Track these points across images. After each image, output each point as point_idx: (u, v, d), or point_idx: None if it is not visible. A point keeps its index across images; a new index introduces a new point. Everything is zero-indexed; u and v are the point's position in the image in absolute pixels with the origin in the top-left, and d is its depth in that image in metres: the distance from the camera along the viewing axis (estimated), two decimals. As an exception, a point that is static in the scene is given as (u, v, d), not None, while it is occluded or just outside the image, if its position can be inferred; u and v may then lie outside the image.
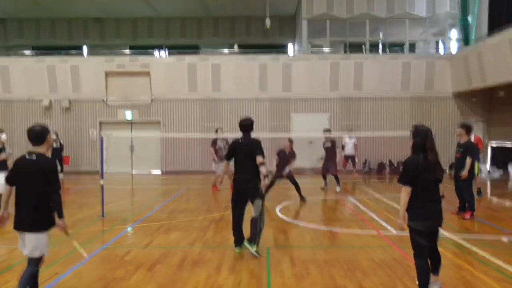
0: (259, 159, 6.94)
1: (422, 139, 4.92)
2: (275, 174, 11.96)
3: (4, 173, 10.04)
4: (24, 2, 24.23)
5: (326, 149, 14.20)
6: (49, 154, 5.16)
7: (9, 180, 4.83)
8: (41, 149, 4.77)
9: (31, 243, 4.66)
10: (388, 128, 19.94)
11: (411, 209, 4.93)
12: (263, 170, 6.97)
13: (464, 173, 9.49)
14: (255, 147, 7.03)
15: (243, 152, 7.14)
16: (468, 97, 20.02)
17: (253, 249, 6.85)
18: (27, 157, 4.72)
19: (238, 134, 7.41)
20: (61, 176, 18.83)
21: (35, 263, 4.71)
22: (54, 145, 19.09)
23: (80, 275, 6.05)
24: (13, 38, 27.54)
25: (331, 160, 14.09)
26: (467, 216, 9.58)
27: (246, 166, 7.06)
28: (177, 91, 20.52)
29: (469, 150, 9.58)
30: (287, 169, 11.88)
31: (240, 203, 7.17)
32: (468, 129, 9.78)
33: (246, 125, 7.34)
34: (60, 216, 4.73)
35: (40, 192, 4.64)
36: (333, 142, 14.26)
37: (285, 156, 11.96)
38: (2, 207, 4.93)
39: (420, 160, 4.87)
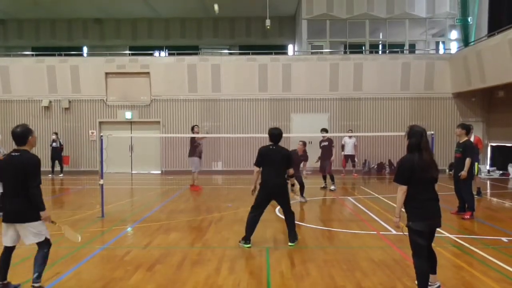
0: (291, 171, 7.83)
1: (417, 139, 4.96)
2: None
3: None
4: (24, 3, 24.23)
5: (322, 147, 14.30)
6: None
7: None
8: (25, 147, 5.25)
9: (31, 232, 5.11)
10: (387, 128, 19.97)
11: (410, 210, 4.95)
12: (293, 180, 8.15)
13: (463, 173, 9.51)
14: (290, 157, 7.73)
15: (276, 159, 7.54)
16: (467, 97, 20.02)
17: (296, 242, 7.59)
18: (12, 154, 5.22)
19: (236, 135, 7.56)
20: (61, 176, 18.90)
21: (44, 245, 5.18)
22: (54, 144, 19.15)
23: (80, 275, 6.05)
24: (13, 39, 27.56)
25: (326, 159, 14.18)
26: (467, 216, 9.58)
27: (279, 171, 7.57)
28: (177, 92, 20.53)
29: (468, 150, 9.58)
30: (304, 172, 12.20)
31: (264, 206, 7.62)
32: (467, 129, 9.81)
33: (275, 135, 7.67)
34: (41, 209, 5.07)
35: (25, 186, 5.03)
36: (329, 141, 14.33)
37: (297, 158, 11.98)
38: None
39: (415, 160, 4.90)
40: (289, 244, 7.52)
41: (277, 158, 7.52)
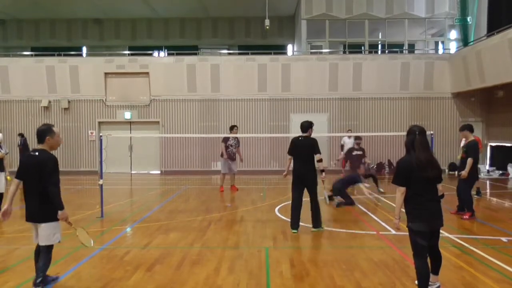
0: (318, 156, 8.34)
1: (411, 138, 4.95)
2: (353, 174, 11.94)
3: (1, 174, 10.03)
4: (23, 3, 24.20)
5: (355, 156, 12.87)
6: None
7: (17, 175, 5.34)
8: (43, 146, 5.29)
9: (44, 233, 5.20)
10: (387, 128, 19.97)
11: (409, 210, 4.94)
12: (321, 165, 8.39)
13: (463, 173, 9.46)
14: (315, 145, 8.34)
15: (304, 148, 8.39)
16: (467, 97, 20.03)
17: (321, 229, 8.46)
18: (31, 153, 5.35)
19: (235, 135, 7.52)
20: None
21: (46, 250, 5.25)
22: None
23: (79, 275, 6.04)
24: (12, 39, 27.52)
25: (356, 168, 12.63)
26: (466, 216, 9.57)
27: (305, 160, 8.33)
28: (176, 92, 20.52)
29: (471, 150, 9.50)
30: (366, 164, 12.34)
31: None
32: (468, 129, 9.72)
33: (304, 126, 8.57)
34: (59, 208, 5.14)
35: (40, 185, 5.12)
36: (363, 151, 13.26)
37: (358, 154, 12.19)
38: (7, 202, 5.34)
39: (411, 160, 4.89)
40: (312, 230, 8.45)
41: (304, 148, 8.40)
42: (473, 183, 9.90)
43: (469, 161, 9.43)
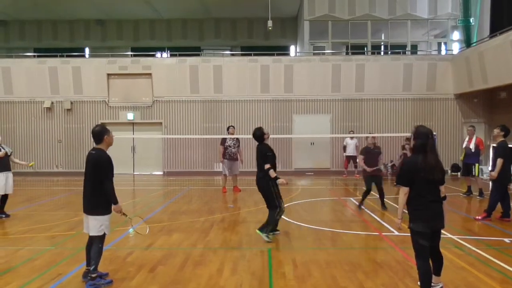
0: (266, 166, 7.85)
1: (423, 141, 4.94)
2: (366, 174, 11.02)
3: (2, 174, 9.99)
4: (25, 4, 24.28)
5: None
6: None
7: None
8: (101, 146, 5.88)
9: (91, 225, 5.60)
10: (389, 130, 19.95)
11: (411, 211, 4.97)
12: (272, 173, 7.85)
13: (494, 173, 9.31)
14: (262, 154, 8.01)
15: (257, 155, 8.12)
16: (469, 98, 19.99)
17: (263, 236, 7.85)
18: (90, 151, 5.88)
19: (238, 136, 7.53)
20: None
21: (97, 240, 5.63)
22: None
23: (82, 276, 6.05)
24: (14, 40, 27.62)
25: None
26: (479, 217, 9.47)
27: (258, 167, 8.06)
28: (179, 93, 20.53)
29: (499, 151, 9.24)
30: (382, 167, 11.09)
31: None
32: (503, 129, 9.46)
33: (256, 136, 8.20)
34: (113, 201, 5.65)
35: (93, 180, 5.64)
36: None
37: (372, 153, 11.14)
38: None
39: (418, 161, 4.89)
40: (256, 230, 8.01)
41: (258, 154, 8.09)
42: (504, 186, 9.42)
43: (499, 161, 9.12)
